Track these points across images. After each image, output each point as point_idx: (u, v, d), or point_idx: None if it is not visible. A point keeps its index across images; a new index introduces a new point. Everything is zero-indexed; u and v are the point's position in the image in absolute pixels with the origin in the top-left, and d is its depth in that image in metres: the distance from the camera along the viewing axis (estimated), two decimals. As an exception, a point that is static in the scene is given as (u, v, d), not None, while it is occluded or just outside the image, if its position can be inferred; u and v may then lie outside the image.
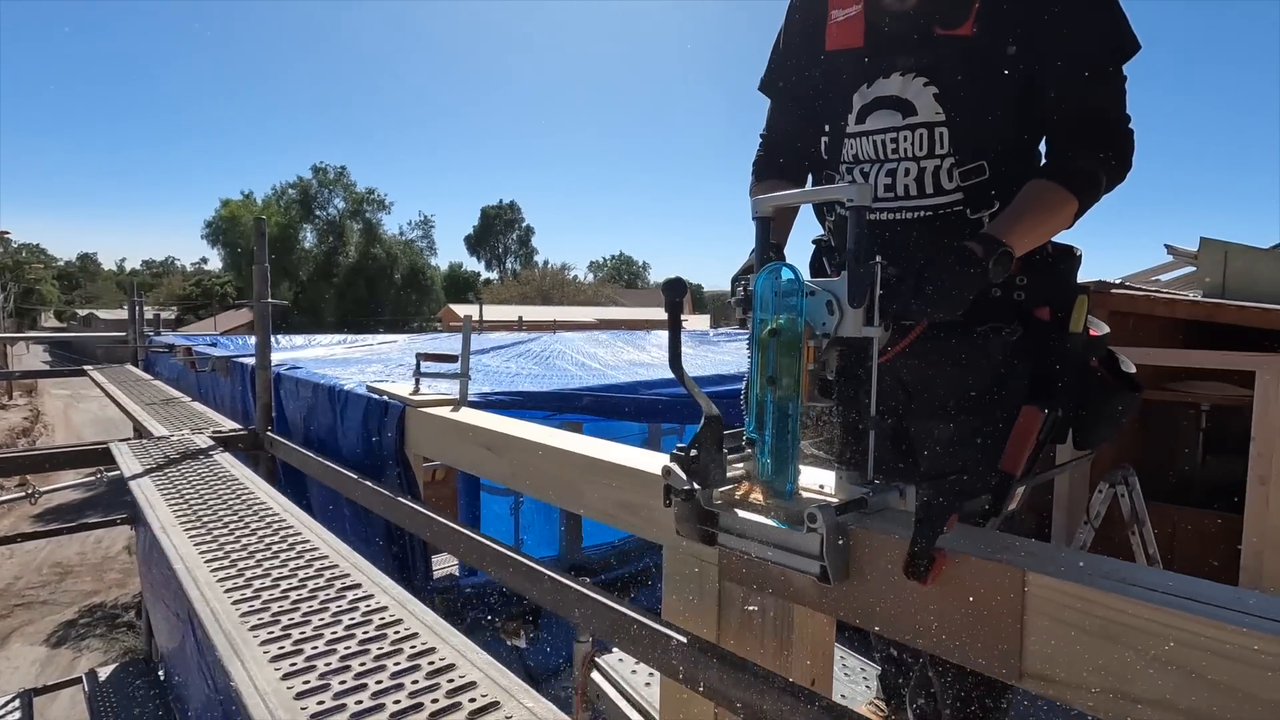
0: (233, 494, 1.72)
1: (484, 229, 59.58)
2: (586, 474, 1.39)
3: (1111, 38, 1.04)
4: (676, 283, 1.02)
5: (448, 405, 2.03)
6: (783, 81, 1.36)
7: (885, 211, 1.22)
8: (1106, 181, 1.05)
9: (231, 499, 1.67)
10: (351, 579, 1.19)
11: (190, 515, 1.54)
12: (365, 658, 0.93)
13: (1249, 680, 0.63)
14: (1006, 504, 0.95)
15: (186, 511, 1.56)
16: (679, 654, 1.01)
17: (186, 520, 1.50)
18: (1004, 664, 0.79)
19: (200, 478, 1.88)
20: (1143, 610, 0.69)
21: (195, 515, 1.54)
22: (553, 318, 13.35)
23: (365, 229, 41.79)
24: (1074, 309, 1.04)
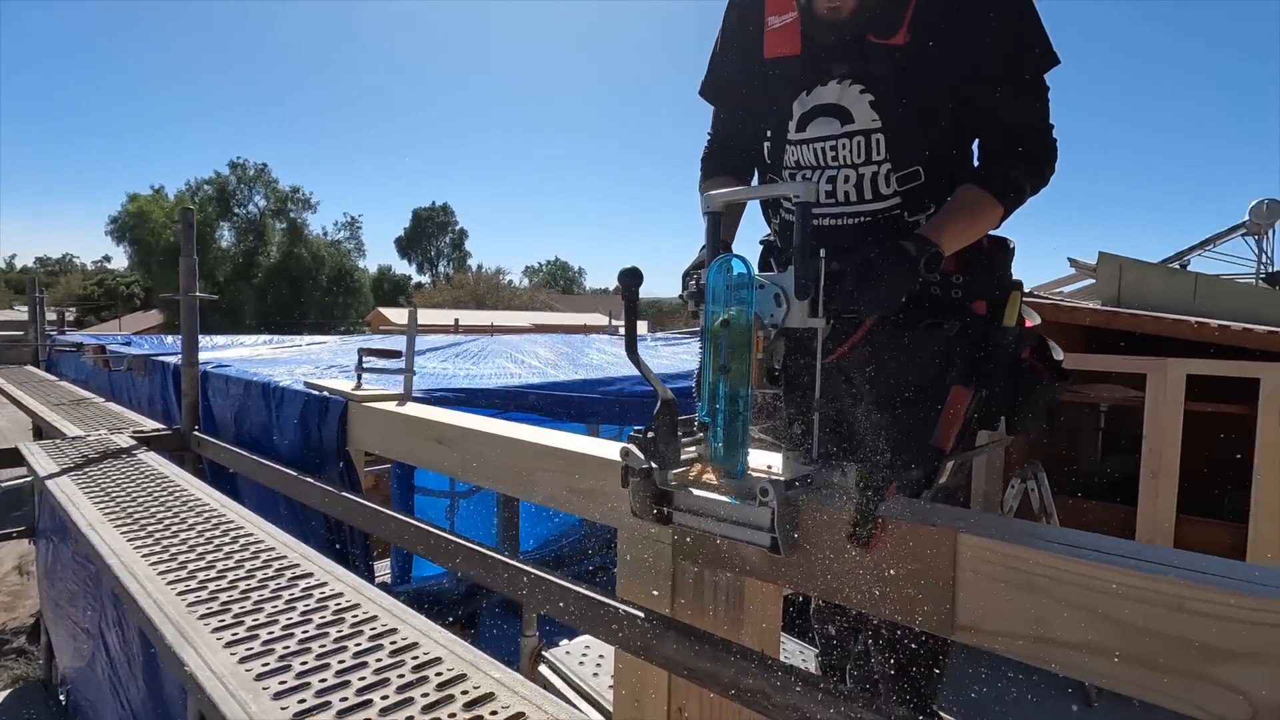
0: (165, 491, 1.64)
1: (415, 231, 58.10)
2: (540, 462, 1.41)
3: (1035, 53, 1.12)
4: (633, 272, 1.06)
5: (392, 400, 2.00)
6: (723, 87, 1.40)
7: (827, 217, 1.29)
8: (1030, 188, 1.15)
9: (165, 496, 1.60)
10: (303, 568, 1.17)
11: (120, 513, 1.46)
12: (325, 640, 0.92)
13: (1149, 618, 0.72)
14: (938, 477, 1.03)
15: (115, 509, 1.49)
16: (638, 630, 1.04)
17: (117, 517, 1.43)
18: (939, 619, 0.86)
19: (126, 476, 1.79)
20: (1058, 562, 0.78)
21: (126, 513, 1.47)
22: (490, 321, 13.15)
23: (289, 228, 40.06)
24: (1007, 304, 1.13)
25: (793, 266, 1.00)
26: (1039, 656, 0.80)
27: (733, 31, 1.35)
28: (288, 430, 2.23)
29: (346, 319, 38.77)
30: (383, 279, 53.06)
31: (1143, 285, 6.11)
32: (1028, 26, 1.11)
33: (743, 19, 1.32)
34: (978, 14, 1.09)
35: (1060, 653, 0.78)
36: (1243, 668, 0.67)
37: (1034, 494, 4.48)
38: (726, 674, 0.93)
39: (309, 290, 38.85)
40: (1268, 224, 11.14)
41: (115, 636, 2.30)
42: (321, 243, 41.80)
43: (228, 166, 39.60)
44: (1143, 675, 0.73)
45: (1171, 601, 0.71)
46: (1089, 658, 0.76)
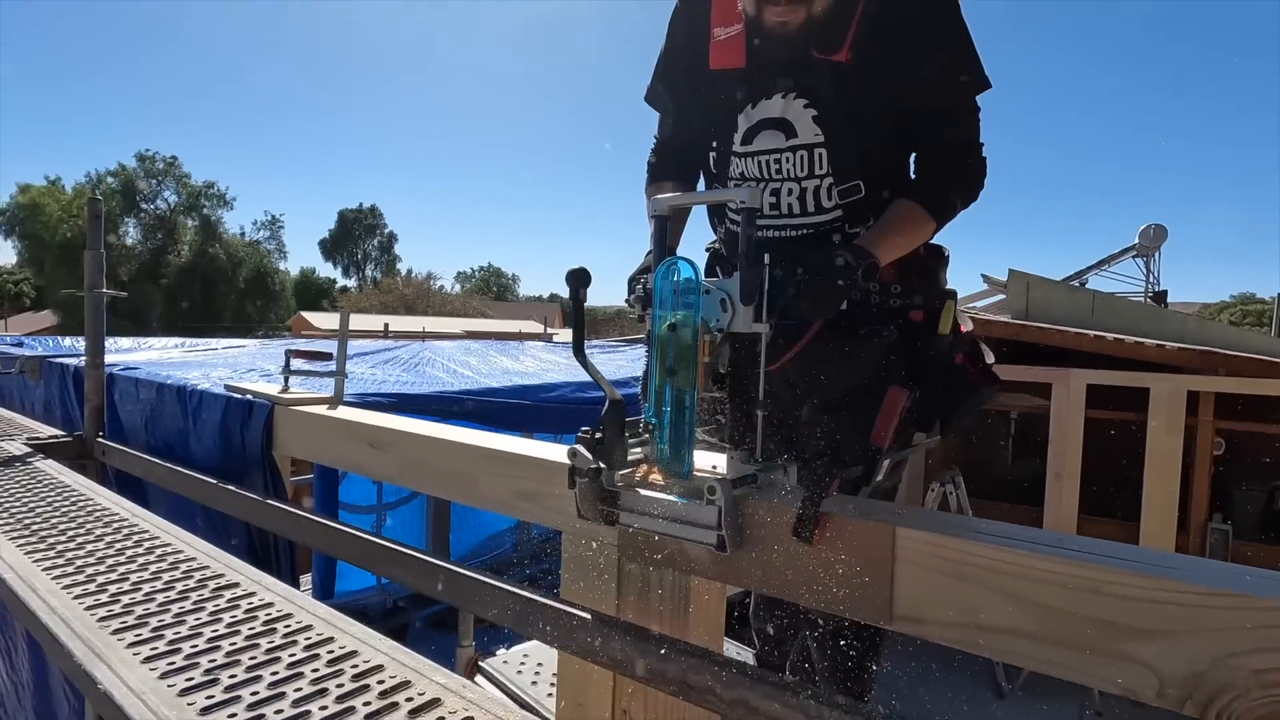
0: (68, 502, 1.52)
1: (341, 233, 56.04)
2: (482, 465, 1.39)
3: (968, 76, 1.19)
4: (581, 273, 1.06)
5: (322, 404, 1.92)
6: (668, 96, 1.42)
7: (771, 229, 1.33)
8: (961, 203, 1.22)
9: (68, 507, 1.49)
10: (228, 579, 1.11)
11: (15, 524, 1.35)
12: (256, 651, 0.88)
13: (1069, 601, 0.77)
14: (876, 474, 1.08)
15: (8, 520, 1.37)
16: (584, 631, 1.03)
17: (10, 528, 1.31)
18: (878, 610, 0.90)
19: (21, 486, 1.64)
20: (989, 551, 0.82)
21: (22, 524, 1.35)
22: (422, 327, 12.77)
23: (202, 226, 37.86)
24: (942, 313, 1.19)
25: (738, 272, 1.02)
26: (970, 642, 0.85)
27: (679, 41, 1.36)
28: (206, 436, 2.10)
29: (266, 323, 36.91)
30: (306, 282, 50.89)
31: (1048, 301, 6.55)
32: (962, 51, 1.18)
33: (689, 29, 1.33)
34: (915, 37, 1.15)
35: (989, 637, 0.83)
36: (1151, 644, 0.72)
37: (952, 497, 4.72)
38: (674, 672, 0.94)
39: (224, 293, 36.81)
40: (1154, 247, 12.17)
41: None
42: (239, 242, 39.74)
43: (134, 159, 37.16)
44: (1063, 655, 0.78)
45: (1089, 585, 0.76)
46: (1015, 641, 0.81)
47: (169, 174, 37.66)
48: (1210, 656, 0.69)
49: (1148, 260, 12.32)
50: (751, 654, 1.83)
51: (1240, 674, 0.68)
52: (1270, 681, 0.66)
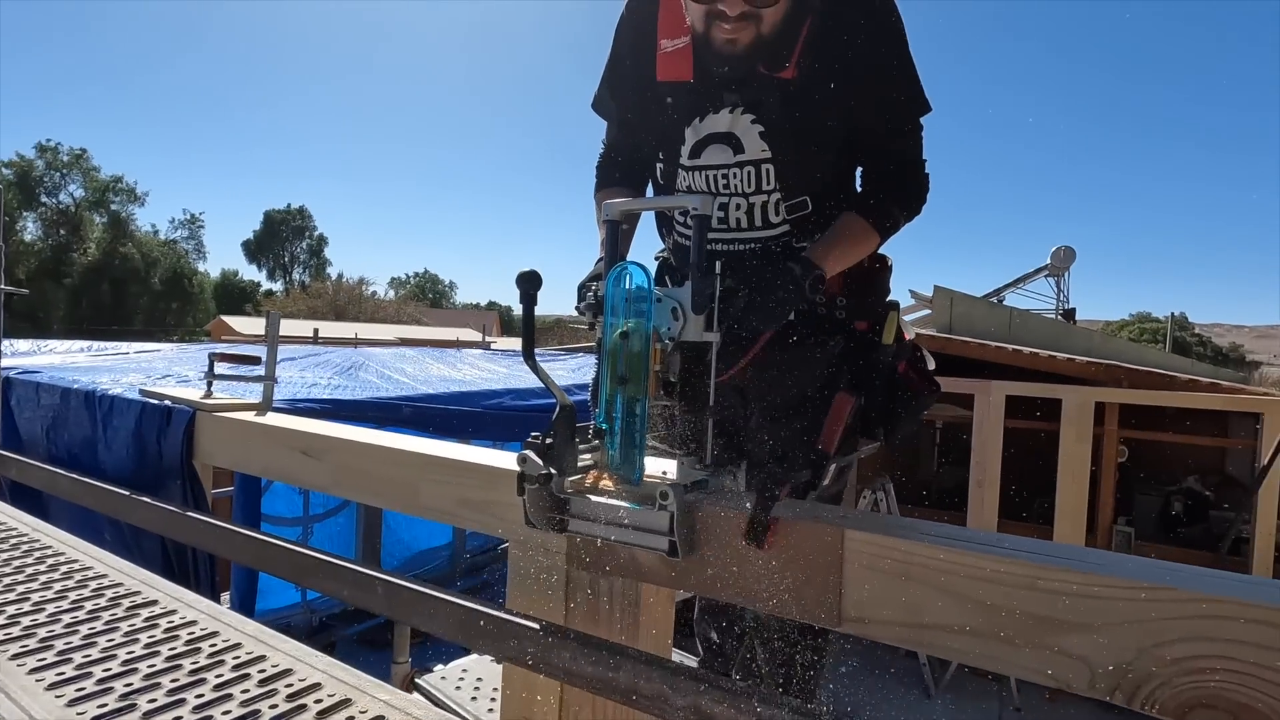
0: (-45, 515, 1.39)
1: (267, 235, 53.67)
2: (424, 472, 1.34)
3: (910, 98, 1.23)
4: (531, 275, 1.05)
5: (250, 410, 1.82)
6: (615, 104, 1.41)
7: (720, 242, 1.33)
8: (905, 218, 1.26)
9: (-45, 520, 1.35)
10: (145, 596, 1.03)
11: (-107, 540, 1.22)
12: (178, 673, 0.81)
13: (1005, 597, 0.80)
14: (823, 479, 1.10)
15: (-115, 537, 1.23)
16: (531, 641, 1.01)
17: (-112, 546, 1.19)
18: (828, 612, 0.91)
19: (-100, 498, 1.49)
20: (932, 552, 0.85)
21: (-99, 540, 1.22)
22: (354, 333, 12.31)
23: (111, 223, 35.53)
24: (886, 323, 1.23)
25: (690, 281, 1.03)
26: (914, 641, 0.87)
27: (624, 49, 1.35)
28: (117, 444, 1.96)
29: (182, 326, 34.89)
30: (227, 285, 48.41)
31: (970, 316, 6.89)
32: (904, 73, 1.21)
33: (635, 39, 1.32)
34: (860, 57, 1.18)
35: (933, 635, 0.85)
36: (1083, 636, 0.76)
37: (883, 504, 4.88)
38: (624, 680, 0.93)
39: (136, 294, 34.59)
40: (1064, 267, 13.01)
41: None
42: (153, 241, 37.49)
43: (34, 149, 34.57)
44: (1002, 649, 0.81)
45: (1025, 581, 0.79)
46: (957, 638, 0.83)
47: (75, 166, 35.21)
48: (1136, 647, 0.73)
49: (1058, 279, 13.15)
50: (696, 662, 1.83)
51: (1164, 663, 0.72)
52: (1191, 669, 0.71)
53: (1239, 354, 47.35)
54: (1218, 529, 5.26)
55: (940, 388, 1.30)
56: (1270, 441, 3.98)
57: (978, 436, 5.14)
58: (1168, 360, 9.69)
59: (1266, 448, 4.03)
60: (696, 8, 1.16)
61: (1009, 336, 6.77)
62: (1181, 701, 0.71)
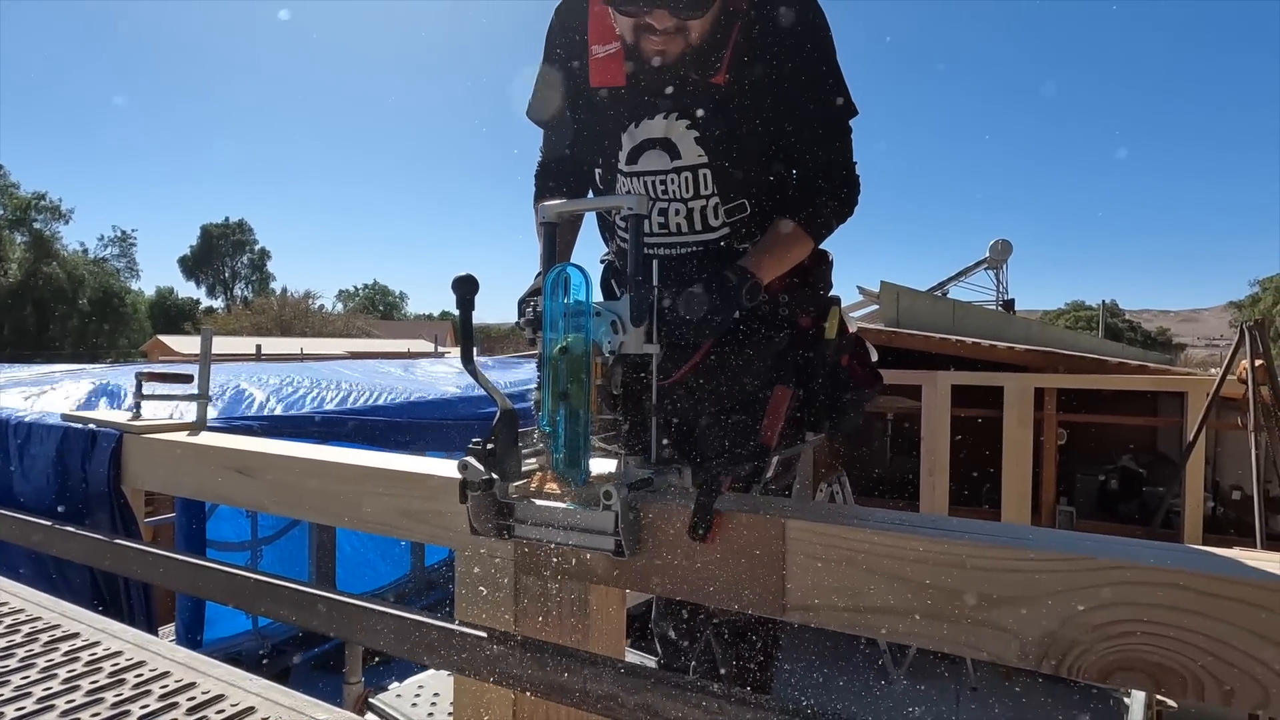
0: None
1: (205, 250, 51.74)
2: (363, 485, 1.31)
3: (838, 103, 1.24)
4: (467, 280, 1.03)
5: (182, 430, 1.74)
6: (549, 112, 1.40)
7: (661, 247, 1.34)
8: (837, 220, 1.28)
9: None
10: (65, 629, 0.98)
11: None
12: (99, 706, 0.77)
13: (937, 576, 0.82)
14: (766, 472, 1.11)
15: None
16: (479, 651, 0.99)
17: None
18: (772, 602, 0.92)
19: None
20: (869, 536, 0.87)
21: None
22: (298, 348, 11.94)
23: (35, 242, 33.73)
24: (828, 318, 1.25)
25: (627, 294, 1.03)
26: (857, 624, 0.89)
27: (556, 56, 1.34)
28: (37, 474, 1.85)
29: (115, 348, 33.32)
30: (163, 303, 46.47)
31: (915, 310, 7.09)
32: (831, 78, 1.23)
33: (566, 45, 1.31)
34: (787, 63, 1.20)
35: (874, 618, 0.87)
36: (1010, 609, 0.79)
37: (838, 496, 4.98)
38: (575, 684, 0.92)
39: (64, 315, 32.89)
40: (1002, 260, 13.53)
41: None
42: (80, 260, 35.76)
43: (-54, 167, 32.60)
44: (938, 628, 0.83)
45: (954, 560, 0.82)
46: (896, 619, 0.85)
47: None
48: (1061, 617, 0.76)
49: (998, 272, 13.66)
50: (655, 662, 1.83)
51: (1085, 630, 0.75)
52: (1109, 634, 0.74)
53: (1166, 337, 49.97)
54: (1151, 504, 5.53)
55: (883, 380, 1.33)
56: (1195, 419, 4.21)
57: (926, 426, 5.29)
58: (1101, 346, 10.17)
59: (1191, 425, 4.26)
60: (625, 21, 1.16)
61: (953, 328, 6.99)
62: (1103, 666, 0.75)
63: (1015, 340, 6.59)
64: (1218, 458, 5.67)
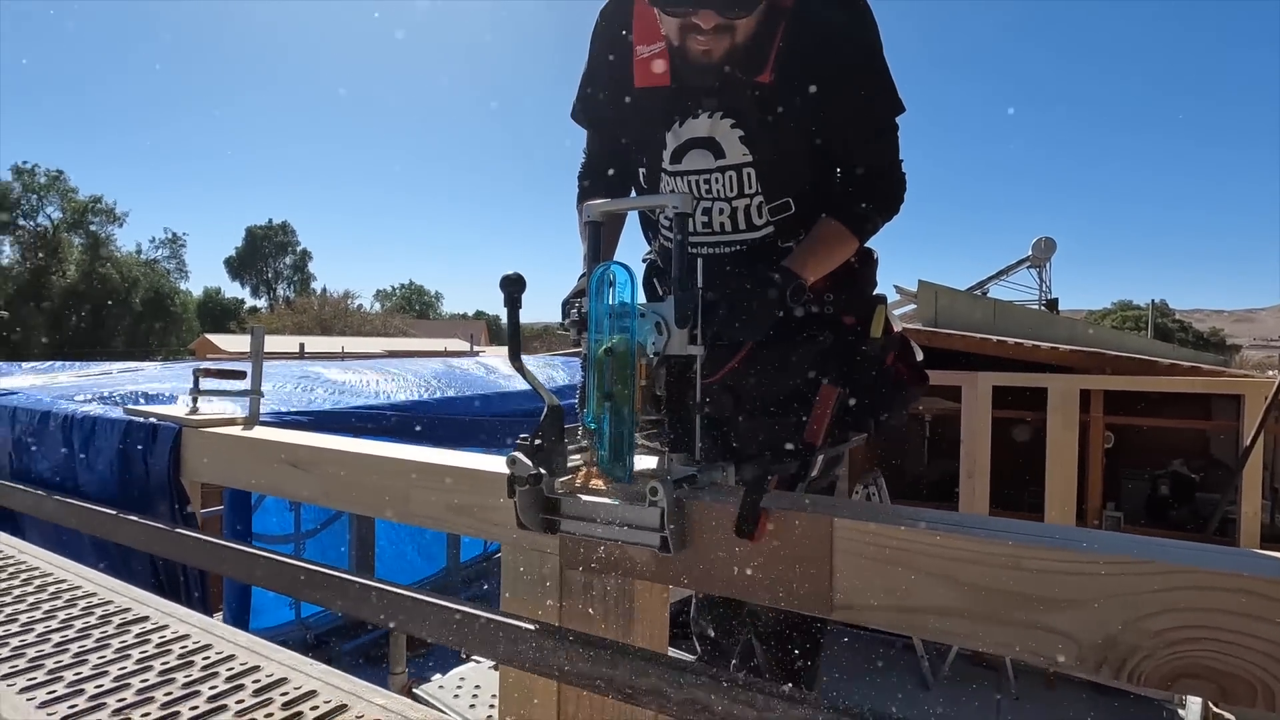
0: (-62, 540, 1.37)
1: (249, 251, 53.25)
2: (413, 480, 1.34)
3: (884, 100, 1.23)
4: (515, 278, 1.05)
5: (236, 425, 1.81)
6: (593, 114, 1.41)
7: (704, 246, 1.34)
8: (882, 220, 1.27)
9: (-62, 545, 1.34)
10: (135, 613, 1.03)
11: (-125, 568, 1.20)
12: (171, 687, 0.81)
13: (990, 578, 0.81)
14: (811, 470, 1.11)
15: None
16: (526, 643, 1.01)
17: None
18: (819, 601, 0.92)
19: (-120, 526, 1.47)
20: (917, 536, 0.86)
21: (-116, 567, 1.21)
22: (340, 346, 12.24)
23: (90, 245, 35.12)
24: (874, 318, 1.24)
25: (672, 296, 1.03)
26: (905, 624, 0.88)
27: (601, 57, 1.35)
28: (102, 465, 1.93)
29: (165, 346, 34.51)
30: (210, 303, 47.99)
31: (954, 309, 6.95)
32: (877, 76, 1.22)
33: (611, 46, 1.32)
34: (833, 62, 1.19)
35: (922, 619, 0.86)
36: (1067, 613, 0.77)
37: (874, 497, 4.91)
38: (622, 677, 0.93)
39: (117, 315, 34.19)
40: (1045, 258, 13.17)
41: None
42: (133, 261, 37.09)
43: (10, 172, 34.15)
44: (989, 630, 0.82)
45: (1009, 561, 0.81)
46: (946, 620, 0.85)
47: (53, 188, 34.80)
48: (1120, 621, 0.75)
49: (1040, 270, 13.31)
50: (694, 660, 1.84)
51: (1147, 635, 0.73)
52: (1172, 640, 0.72)
53: (1219, 338, 48.04)
54: (1204, 511, 5.34)
55: (929, 380, 1.32)
56: (1251, 423, 4.05)
57: (966, 428, 5.18)
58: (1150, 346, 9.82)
59: (1248, 429, 4.10)
60: (671, 21, 1.16)
61: (993, 328, 6.83)
62: (1166, 673, 0.73)
63: (1059, 341, 6.41)
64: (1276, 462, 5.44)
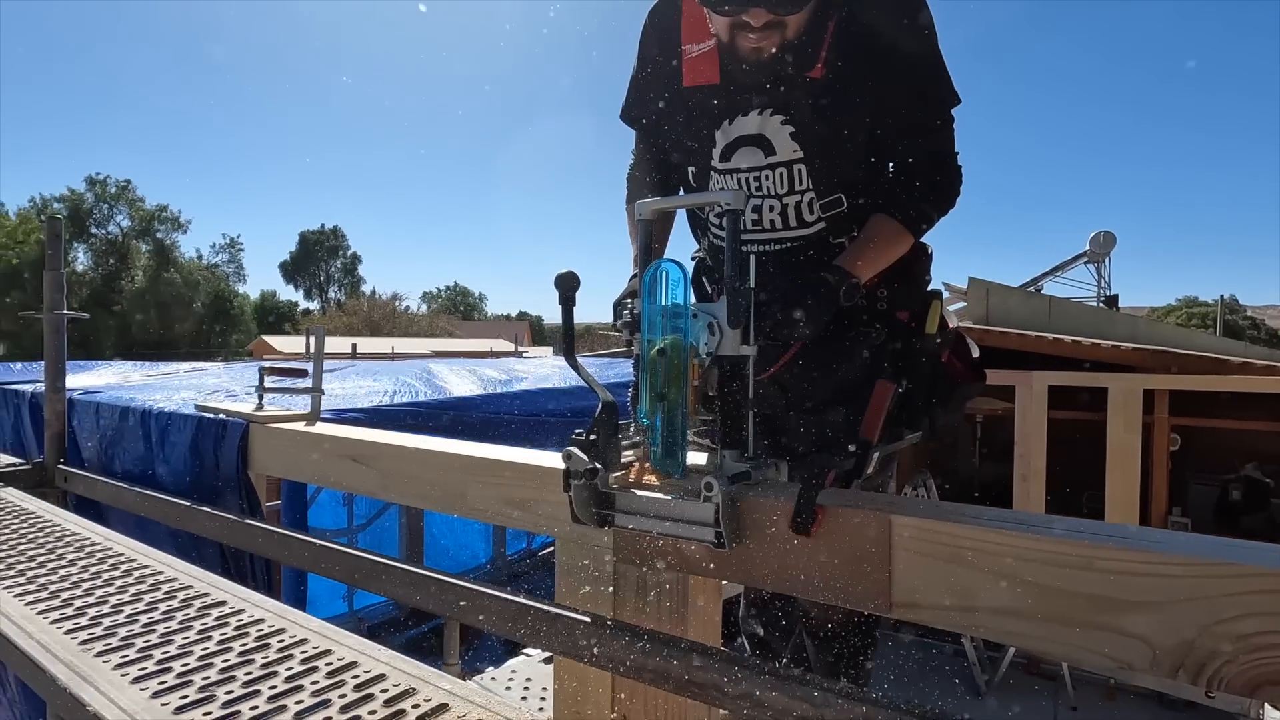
0: (34, 528, 1.46)
1: (303, 255, 55.09)
2: (470, 474, 1.37)
3: (940, 92, 1.21)
4: (569, 276, 1.07)
5: (299, 420, 1.88)
6: (643, 114, 1.42)
7: (755, 244, 1.33)
8: (938, 215, 1.24)
9: (34, 533, 1.43)
10: (213, 597, 1.08)
11: (-20, 552, 1.29)
12: (250, 667, 0.85)
13: (1060, 578, 0.79)
14: (866, 467, 1.09)
15: (-28, 548, 1.31)
16: (582, 634, 1.03)
17: (-25, 557, 1.26)
18: (877, 599, 0.91)
19: (-18, 514, 1.57)
20: (981, 534, 0.84)
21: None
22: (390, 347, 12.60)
23: (156, 251, 36.86)
24: (928, 313, 1.22)
25: (724, 297, 1.03)
26: (967, 625, 0.87)
27: (649, 58, 1.35)
28: (176, 458, 2.04)
29: (225, 348, 35.98)
30: (266, 306, 49.81)
31: (1006, 307, 6.75)
32: (932, 68, 1.20)
33: (660, 45, 1.33)
34: (887, 54, 1.17)
35: (985, 619, 0.85)
36: (1142, 615, 0.75)
37: (924, 498, 4.80)
38: (677, 670, 0.94)
39: (181, 317, 35.79)
40: (1104, 253, 12.66)
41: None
42: (195, 266, 38.77)
43: (84, 183, 36.09)
44: (1057, 631, 0.80)
45: (1080, 562, 0.78)
46: (1011, 620, 0.83)
47: (122, 198, 36.66)
48: (1198, 625, 0.72)
49: (1099, 266, 12.80)
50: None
51: (1229, 640, 0.71)
52: (1256, 645, 0.69)
53: (1295, 336, 45.35)
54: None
55: (985, 377, 1.29)
56: (1333, 424, 3.82)
57: (1020, 429, 5.03)
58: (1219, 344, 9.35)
59: (1329, 431, 3.87)
60: (721, 20, 1.16)
61: (1048, 325, 6.60)
62: (1249, 679, 0.70)
63: (1119, 338, 6.16)
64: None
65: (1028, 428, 5.01)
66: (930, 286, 1.34)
